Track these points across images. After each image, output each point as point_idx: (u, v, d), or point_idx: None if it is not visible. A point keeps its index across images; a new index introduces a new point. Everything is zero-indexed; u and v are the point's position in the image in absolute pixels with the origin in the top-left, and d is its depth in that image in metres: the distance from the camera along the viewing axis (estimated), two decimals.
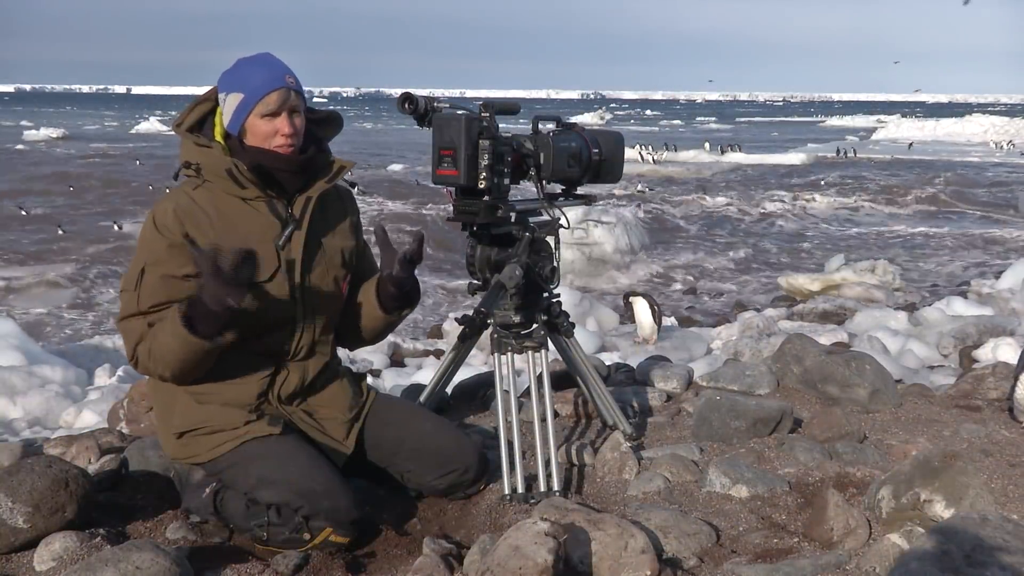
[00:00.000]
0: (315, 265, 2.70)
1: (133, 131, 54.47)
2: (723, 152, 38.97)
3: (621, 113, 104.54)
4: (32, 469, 2.57)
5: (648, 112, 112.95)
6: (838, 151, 39.27)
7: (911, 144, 46.20)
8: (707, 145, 40.76)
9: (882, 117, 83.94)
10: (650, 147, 35.76)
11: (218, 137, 2.65)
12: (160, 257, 2.53)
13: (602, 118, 73.64)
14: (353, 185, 3.51)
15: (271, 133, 2.60)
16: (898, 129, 54.18)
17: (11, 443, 3.43)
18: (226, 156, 2.60)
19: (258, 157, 2.60)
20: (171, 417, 2.66)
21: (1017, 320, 8.43)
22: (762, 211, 22.83)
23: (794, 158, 36.43)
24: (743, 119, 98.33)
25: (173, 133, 2.74)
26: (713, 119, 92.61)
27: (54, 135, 45.86)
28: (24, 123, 58.06)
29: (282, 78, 2.59)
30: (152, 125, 56.08)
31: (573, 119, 3.25)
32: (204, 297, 2.41)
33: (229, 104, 2.62)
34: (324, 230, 2.74)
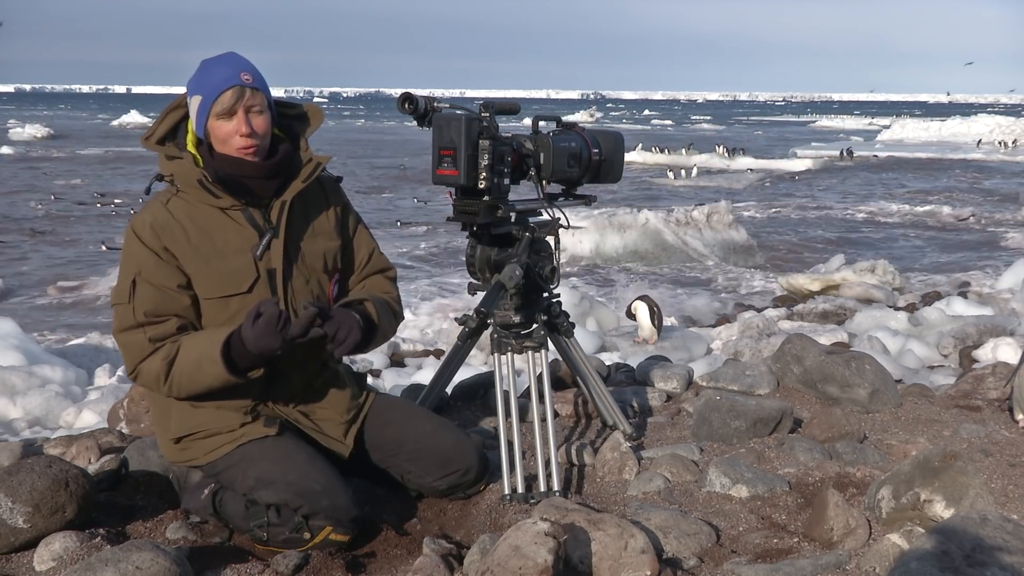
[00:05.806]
0: (296, 272, 2.63)
1: (115, 123, 57.37)
2: (731, 155, 38.05)
3: (616, 112, 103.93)
4: (32, 469, 2.56)
5: (644, 112, 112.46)
6: (841, 153, 39.04)
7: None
8: (720, 148, 39.46)
9: (874, 120, 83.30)
10: (682, 169, 32.08)
11: (190, 145, 2.58)
12: (149, 268, 2.49)
13: (592, 115, 73.25)
14: (339, 179, 3.41)
15: (231, 134, 2.50)
16: (903, 130, 54.05)
17: (11, 443, 3.43)
18: (196, 167, 2.53)
19: (225, 165, 2.52)
20: (168, 422, 2.65)
21: (1017, 320, 8.44)
22: None
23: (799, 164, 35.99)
24: (734, 119, 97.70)
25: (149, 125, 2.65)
26: (707, 119, 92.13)
27: (39, 134, 47.19)
28: (12, 121, 59.91)
29: (236, 76, 2.48)
30: (132, 118, 57.53)
31: (563, 118, 3.25)
32: (247, 339, 2.40)
33: (192, 107, 2.54)
34: (304, 234, 2.66)
